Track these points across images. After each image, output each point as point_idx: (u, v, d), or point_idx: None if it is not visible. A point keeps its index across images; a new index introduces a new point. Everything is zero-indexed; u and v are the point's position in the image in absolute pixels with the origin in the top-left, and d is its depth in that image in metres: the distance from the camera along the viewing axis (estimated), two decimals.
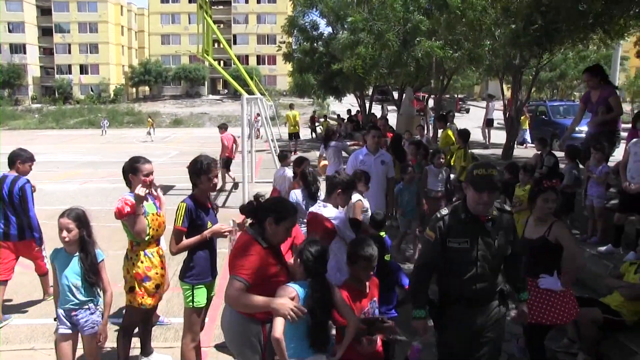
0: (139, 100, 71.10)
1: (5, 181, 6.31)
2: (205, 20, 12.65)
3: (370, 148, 7.38)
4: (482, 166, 3.58)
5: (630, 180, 6.51)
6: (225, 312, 3.76)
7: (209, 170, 4.49)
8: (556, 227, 4.49)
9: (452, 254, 3.59)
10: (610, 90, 8.15)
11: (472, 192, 3.51)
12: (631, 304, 5.15)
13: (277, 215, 3.53)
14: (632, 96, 39.49)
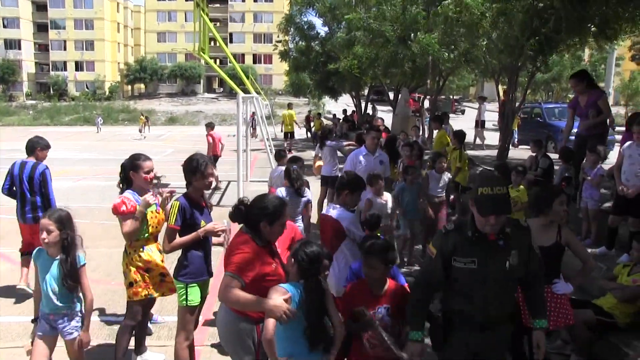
0: (134, 98, 70.98)
1: (25, 167, 6.83)
2: (202, 18, 12.64)
3: (370, 148, 7.39)
4: (488, 182, 3.15)
5: (625, 183, 6.52)
6: (220, 311, 3.77)
7: (203, 168, 4.47)
8: (565, 231, 4.43)
9: (457, 274, 3.29)
10: (598, 94, 8.31)
11: (476, 212, 3.17)
12: (624, 306, 5.18)
13: (269, 218, 3.56)
14: (626, 99, 39.61)
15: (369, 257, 3.71)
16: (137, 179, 4.89)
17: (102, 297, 6.90)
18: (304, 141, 30.21)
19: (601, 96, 8.31)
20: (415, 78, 19.75)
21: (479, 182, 3.18)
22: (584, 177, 7.61)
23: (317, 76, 27.50)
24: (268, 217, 3.56)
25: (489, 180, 3.17)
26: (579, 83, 8.26)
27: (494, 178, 3.25)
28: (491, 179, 3.24)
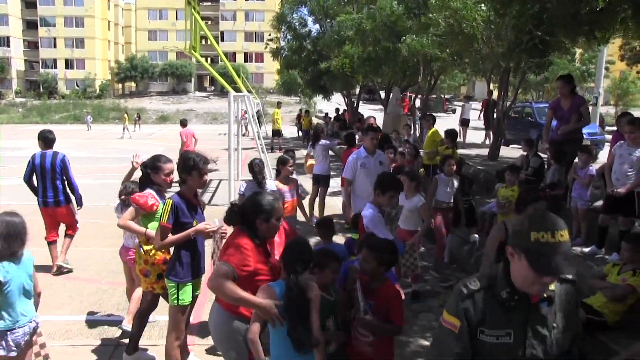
0: (125, 96, 70.61)
1: (46, 157, 7.63)
2: (193, 17, 12.60)
3: (369, 150, 7.31)
4: (547, 224, 2.14)
5: (615, 183, 6.56)
6: (212, 310, 3.77)
7: (200, 167, 4.46)
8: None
9: (485, 351, 2.34)
10: (581, 100, 8.40)
11: (525, 267, 2.16)
12: (613, 305, 5.21)
13: (265, 215, 3.61)
14: (616, 99, 39.89)
15: (365, 250, 3.74)
16: (157, 180, 5.00)
17: (92, 296, 6.88)
18: (295, 139, 30.22)
19: (584, 102, 8.41)
20: (407, 77, 19.79)
21: (533, 224, 2.16)
22: (574, 177, 7.65)
23: (308, 75, 27.49)
24: (264, 214, 3.60)
25: (548, 222, 2.15)
26: (565, 85, 8.28)
27: (553, 219, 2.17)
28: (551, 220, 2.17)
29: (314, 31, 26.51)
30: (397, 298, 3.72)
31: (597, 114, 23.19)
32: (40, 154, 7.68)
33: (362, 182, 7.11)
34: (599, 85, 22.81)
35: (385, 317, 3.62)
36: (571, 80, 8.45)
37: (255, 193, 3.79)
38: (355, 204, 7.09)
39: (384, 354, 3.70)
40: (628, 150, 6.50)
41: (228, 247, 3.57)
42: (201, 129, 40.32)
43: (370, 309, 3.62)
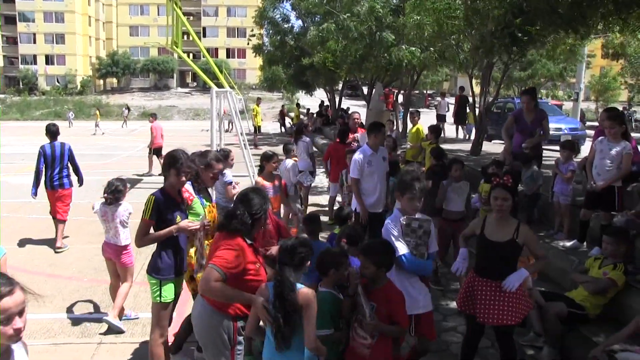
0: (106, 92, 69.76)
1: (55, 147, 8.85)
2: (175, 12, 12.49)
3: (374, 147, 7.24)
4: None
5: (596, 177, 6.62)
6: (196, 306, 3.77)
7: (182, 164, 4.43)
8: (524, 228, 4.32)
9: None
10: (543, 114, 8.43)
11: None
12: (595, 298, 5.29)
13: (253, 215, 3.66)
14: (596, 95, 40.34)
15: (361, 257, 3.78)
16: (205, 177, 4.98)
17: (74, 293, 6.81)
18: (278, 136, 30.17)
19: (546, 117, 8.47)
20: (389, 73, 19.83)
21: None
22: (556, 172, 7.73)
23: (291, 70, 27.45)
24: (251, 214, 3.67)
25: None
26: (532, 99, 8.32)
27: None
28: None
29: (297, 27, 26.48)
30: (398, 299, 3.73)
31: (578, 109, 23.49)
32: (49, 145, 8.87)
33: (370, 180, 7.12)
34: (580, 81, 23.08)
35: (387, 319, 3.65)
36: (536, 94, 8.57)
37: (245, 193, 3.75)
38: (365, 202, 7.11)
39: (381, 357, 3.69)
40: (608, 145, 6.56)
41: (218, 248, 3.54)
42: (184, 125, 40.17)
43: (373, 310, 3.63)
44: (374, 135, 7.27)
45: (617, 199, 6.51)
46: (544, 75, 35.21)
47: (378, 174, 7.12)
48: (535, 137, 8.20)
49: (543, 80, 37.65)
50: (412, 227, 4.20)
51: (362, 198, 7.09)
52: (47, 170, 8.81)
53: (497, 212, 4.37)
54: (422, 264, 4.19)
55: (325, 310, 3.56)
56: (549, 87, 43.52)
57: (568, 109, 26.51)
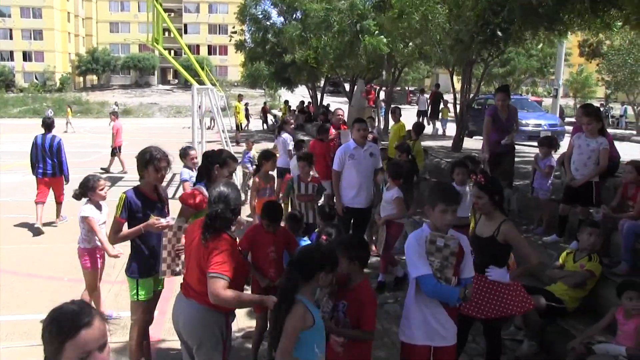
0: (86, 90, 68.88)
1: (46, 139, 9.77)
2: (156, 9, 12.43)
3: (359, 142, 7.21)
4: None
5: (575, 173, 6.73)
6: (183, 308, 3.69)
7: (156, 162, 4.38)
8: (505, 227, 4.29)
9: None
10: (515, 110, 8.55)
11: None
12: (574, 291, 5.38)
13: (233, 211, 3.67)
14: (574, 91, 40.80)
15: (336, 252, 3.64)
16: (221, 175, 4.87)
17: (54, 294, 6.73)
18: (260, 132, 30.10)
19: (516, 111, 8.60)
20: (371, 69, 19.89)
21: None
22: (535, 167, 7.82)
23: (272, 67, 27.39)
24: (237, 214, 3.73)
25: None
26: (507, 97, 8.38)
27: None
28: None
29: (278, 24, 26.39)
30: (367, 301, 3.59)
31: (557, 105, 23.74)
32: (41, 136, 9.81)
33: (349, 174, 7.11)
34: (558, 77, 23.30)
35: (357, 320, 3.54)
36: (509, 92, 8.66)
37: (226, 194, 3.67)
38: (343, 195, 7.13)
39: (357, 356, 3.57)
40: (586, 141, 6.67)
41: (213, 253, 3.46)
42: (165, 123, 39.88)
43: (344, 310, 3.56)
44: (355, 129, 7.29)
45: (594, 193, 6.62)
46: (523, 72, 35.54)
47: (361, 169, 7.08)
48: (512, 134, 8.34)
49: (523, 77, 38.02)
50: (436, 245, 3.57)
51: (341, 191, 7.12)
52: (40, 160, 9.70)
53: (476, 208, 4.48)
54: (446, 290, 3.53)
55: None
56: (529, 84, 43.91)
57: (547, 105, 26.78)
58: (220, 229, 3.53)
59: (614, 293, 4.67)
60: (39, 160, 9.73)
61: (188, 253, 3.74)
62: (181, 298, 3.72)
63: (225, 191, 3.65)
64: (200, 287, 3.54)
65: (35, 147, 9.78)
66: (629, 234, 5.72)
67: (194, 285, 3.61)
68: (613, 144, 7.29)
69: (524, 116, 18.37)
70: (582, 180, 6.59)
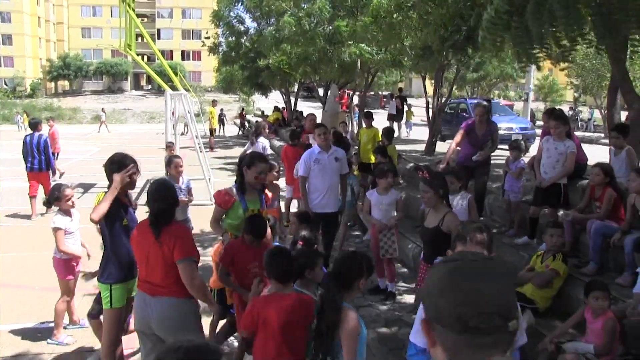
0: (58, 95, 67.71)
1: (33, 137, 11.07)
2: (128, 14, 12.34)
3: (322, 146, 7.21)
4: None
5: (544, 175, 6.87)
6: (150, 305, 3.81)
7: (125, 167, 4.39)
8: (448, 217, 4.66)
9: None
10: (494, 126, 8.29)
11: None
12: (543, 291, 5.51)
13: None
14: (543, 96, 41.46)
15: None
16: (249, 178, 4.86)
17: (24, 304, 6.63)
18: (235, 138, 30.02)
19: (497, 129, 8.37)
20: (344, 75, 19.97)
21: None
22: (506, 169, 7.96)
23: (246, 72, 27.38)
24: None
25: None
26: (484, 113, 8.10)
27: None
28: None
29: (252, 29, 26.40)
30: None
31: (529, 109, 24.17)
32: (30, 135, 11.14)
33: (315, 179, 7.10)
34: (529, 82, 23.72)
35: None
36: (490, 108, 8.51)
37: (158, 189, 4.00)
38: (309, 200, 7.11)
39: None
40: (554, 144, 6.82)
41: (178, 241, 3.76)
42: (138, 129, 39.51)
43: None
44: (317, 134, 7.32)
45: (563, 195, 6.77)
46: (495, 76, 36.05)
47: (327, 174, 7.06)
48: (485, 150, 7.99)
49: (495, 81, 38.55)
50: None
51: (308, 196, 7.13)
52: (29, 157, 10.97)
53: (424, 203, 4.83)
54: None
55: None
56: (501, 88, 44.49)
57: (519, 109, 27.23)
58: (167, 221, 3.79)
59: (583, 293, 4.77)
60: (28, 156, 10.97)
61: (142, 255, 3.89)
62: (145, 299, 3.84)
63: (160, 188, 3.96)
64: (167, 280, 3.76)
65: (24, 145, 11.07)
66: (596, 234, 5.85)
67: (159, 281, 3.79)
68: (580, 146, 7.45)
69: (495, 120, 18.64)
70: (549, 182, 6.74)
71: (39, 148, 10.97)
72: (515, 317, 1.27)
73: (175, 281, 3.76)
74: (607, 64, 21.48)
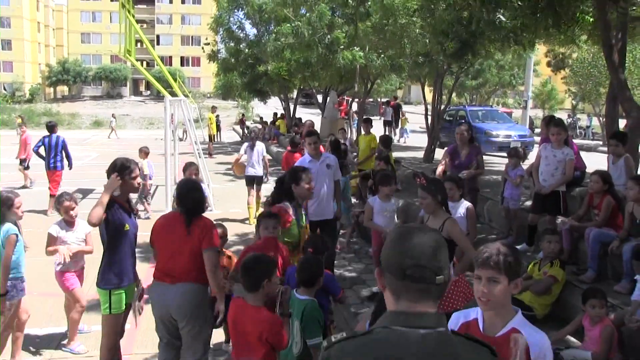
0: (57, 101, 67.70)
1: (51, 138, 11.96)
2: (128, 20, 12.36)
3: (312, 154, 7.20)
4: None
5: (543, 183, 6.88)
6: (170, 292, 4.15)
7: (129, 172, 4.41)
8: (448, 223, 4.66)
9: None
10: (478, 149, 8.14)
11: None
12: (542, 298, 5.52)
13: None
14: (542, 103, 41.56)
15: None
16: (299, 191, 5.22)
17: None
18: (234, 144, 30.02)
19: (480, 151, 8.20)
20: (343, 81, 20.03)
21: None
22: (506, 177, 7.97)
23: (246, 78, 27.41)
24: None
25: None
26: (465, 132, 7.87)
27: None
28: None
29: (251, 35, 26.45)
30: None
31: (527, 117, 24.21)
32: (48, 136, 11.98)
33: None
34: (528, 89, 23.79)
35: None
36: (471, 128, 8.23)
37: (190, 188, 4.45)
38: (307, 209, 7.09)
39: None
40: (552, 152, 6.84)
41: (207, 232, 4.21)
42: (138, 134, 39.43)
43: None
44: (307, 143, 7.31)
45: (562, 203, 6.79)
46: (494, 84, 36.19)
47: (319, 182, 6.91)
48: (471, 170, 7.74)
49: (494, 89, 38.69)
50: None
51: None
52: (48, 156, 11.92)
53: (423, 210, 4.86)
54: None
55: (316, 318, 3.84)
56: (500, 95, 44.61)
57: (517, 117, 27.27)
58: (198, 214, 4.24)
59: (581, 300, 4.78)
60: (46, 155, 11.95)
61: (166, 246, 4.23)
62: (166, 287, 4.15)
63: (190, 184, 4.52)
64: (190, 267, 4.15)
65: (43, 145, 12.03)
66: (594, 242, 5.87)
67: (181, 269, 4.16)
68: (579, 154, 7.47)
69: (494, 127, 18.77)
70: (549, 189, 6.75)
71: (57, 148, 11.91)
72: (443, 274, 1.69)
73: (197, 268, 4.15)
74: (604, 72, 21.58)
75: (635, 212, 5.75)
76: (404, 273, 1.68)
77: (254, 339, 3.51)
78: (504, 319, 2.53)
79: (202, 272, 4.15)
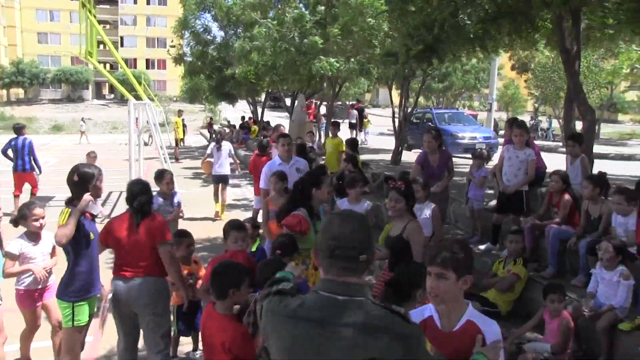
0: (11, 104, 64.20)
1: (18, 140, 11.75)
2: (89, 20, 12.14)
3: (283, 157, 7.23)
4: None
5: (507, 183, 7.07)
6: (129, 286, 4.34)
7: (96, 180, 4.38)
8: (410, 225, 4.74)
9: None
10: (448, 155, 7.91)
11: None
12: (506, 295, 5.70)
13: None
14: (505, 105, 42.39)
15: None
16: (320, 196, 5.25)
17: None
18: (200, 149, 29.79)
19: (450, 157, 7.94)
20: (312, 85, 20.08)
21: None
22: (470, 178, 8.16)
23: (213, 81, 27.25)
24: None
25: None
26: (434, 140, 7.51)
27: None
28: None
29: (218, 37, 26.33)
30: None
31: (492, 119, 24.68)
32: (15, 138, 11.79)
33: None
34: (492, 92, 24.26)
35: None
36: (440, 135, 7.86)
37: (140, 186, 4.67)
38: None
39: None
40: (515, 153, 7.04)
41: (159, 228, 4.50)
42: (101, 139, 38.57)
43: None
44: (280, 144, 7.36)
45: (525, 202, 6.98)
46: (460, 87, 36.82)
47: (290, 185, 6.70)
48: (444, 180, 7.53)
49: (460, 92, 39.34)
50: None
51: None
52: (16, 158, 11.70)
53: (392, 211, 4.87)
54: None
55: None
56: (465, 98, 45.34)
57: (482, 119, 27.75)
58: (148, 212, 4.50)
59: (542, 295, 4.95)
60: (14, 157, 11.73)
61: (122, 244, 4.40)
62: (126, 282, 4.34)
63: (138, 184, 4.66)
64: (147, 262, 4.37)
65: (9, 146, 11.80)
66: (554, 239, 6.08)
67: (139, 265, 4.37)
68: (540, 155, 7.69)
69: (460, 129, 19.13)
70: (514, 188, 6.94)
71: (23, 150, 11.71)
72: (366, 253, 2.05)
73: (154, 263, 4.39)
74: (564, 76, 22.13)
75: (590, 209, 6.00)
76: (330, 252, 2.04)
77: (218, 347, 3.42)
78: (458, 313, 2.66)
79: (158, 265, 4.41)
